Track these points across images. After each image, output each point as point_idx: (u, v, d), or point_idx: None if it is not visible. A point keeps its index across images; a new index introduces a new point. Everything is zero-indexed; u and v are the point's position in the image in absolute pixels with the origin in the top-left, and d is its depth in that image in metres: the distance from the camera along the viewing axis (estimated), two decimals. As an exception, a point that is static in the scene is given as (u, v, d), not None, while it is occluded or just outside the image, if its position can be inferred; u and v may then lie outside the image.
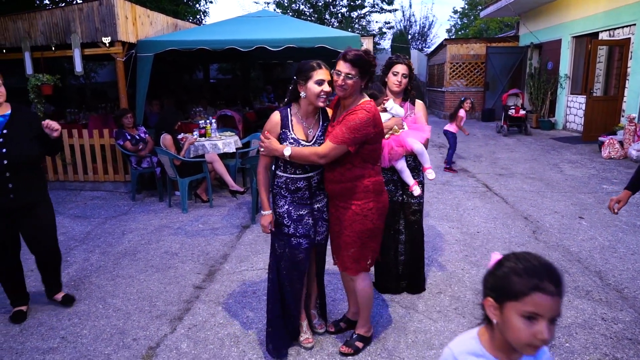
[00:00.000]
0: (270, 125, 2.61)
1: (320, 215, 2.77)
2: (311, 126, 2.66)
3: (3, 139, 2.99)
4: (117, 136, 6.22)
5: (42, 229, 3.25)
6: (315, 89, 2.50)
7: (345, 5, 21.19)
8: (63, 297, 3.48)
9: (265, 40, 6.46)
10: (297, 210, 2.67)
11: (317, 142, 2.63)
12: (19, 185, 3.04)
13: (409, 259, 3.47)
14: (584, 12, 11.11)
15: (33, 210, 3.17)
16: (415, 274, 3.52)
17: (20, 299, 3.36)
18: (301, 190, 2.66)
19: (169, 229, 5.15)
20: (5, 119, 3.05)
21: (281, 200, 2.69)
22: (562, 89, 12.22)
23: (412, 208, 3.38)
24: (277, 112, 2.63)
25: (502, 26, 25.37)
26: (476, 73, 15.82)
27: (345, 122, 2.46)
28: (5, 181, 2.99)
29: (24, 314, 3.32)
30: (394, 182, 3.32)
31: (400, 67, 3.21)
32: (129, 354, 2.86)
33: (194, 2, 15.85)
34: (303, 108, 2.63)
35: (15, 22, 6.52)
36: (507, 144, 10.34)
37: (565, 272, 3.83)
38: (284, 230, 2.69)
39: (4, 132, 3.01)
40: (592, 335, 2.94)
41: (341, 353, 2.79)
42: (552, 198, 5.99)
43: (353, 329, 2.94)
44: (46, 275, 3.42)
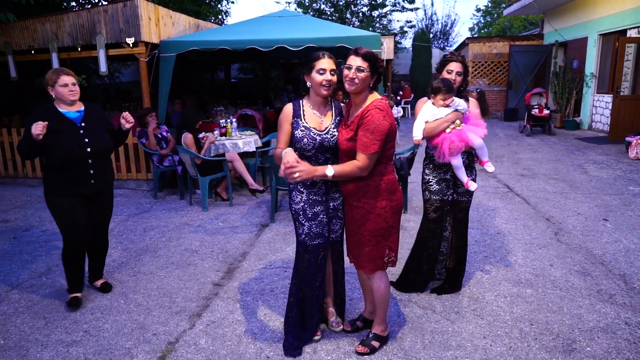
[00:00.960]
0: (283, 115, 2.68)
1: (335, 213, 2.80)
2: (323, 116, 2.70)
3: (83, 130, 3.33)
4: (139, 135, 6.35)
5: (105, 216, 3.62)
6: (317, 77, 2.56)
7: (366, 4, 21.12)
8: (102, 284, 3.73)
9: (285, 40, 6.49)
10: (312, 208, 2.71)
11: (329, 132, 2.66)
12: (98, 173, 3.39)
13: (455, 256, 3.47)
14: (612, 9, 10.82)
15: (105, 197, 3.55)
16: (457, 274, 3.52)
17: (80, 284, 3.55)
18: (317, 184, 2.70)
19: (190, 227, 5.23)
20: (81, 114, 3.38)
21: (298, 195, 2.72)
22: (587, 88, 11.93)
23: (461, 206, 3.38)
24: (290, 104, 2.73)
25: (526, 24, 24.91)
26: (499, 72, 15.58)
27: (366, 128, 2.46)
28: (88, 168, 3.34)
29: (80, 300, 3.50)
30: (446, 181, 3.32)
31: (454, 65, 3.22)
32: (149, 349, 2.92)
33: (215, 3, 16.03)
34: (312, 98, 2.69)
35: (43, 24, 6.71)
36: (530, 144, 10.15)
37: (587, 275, 3.75)
38: (299, 229, 2.74)
39: (82, 124, 3.35)
40: (614, 340, 2.87)
41: (357, 352, 2.79)
42: (575, 199, 5.86)
43: (369, 328, 2.94)
44: (93, 261, 3.71)
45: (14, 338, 3.07)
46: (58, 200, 3.32)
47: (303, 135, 2.64)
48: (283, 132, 2.69)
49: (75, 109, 3.37)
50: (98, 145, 3.36)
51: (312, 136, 2.63)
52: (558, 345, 2.83)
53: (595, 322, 3.08)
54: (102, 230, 3.63)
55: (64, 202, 3.31)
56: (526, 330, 3.01)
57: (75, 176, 3.30)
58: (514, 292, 3.51)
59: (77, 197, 3.34)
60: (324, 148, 2.66)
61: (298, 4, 21.05)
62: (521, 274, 3.82)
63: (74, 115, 3.34)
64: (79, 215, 3.35)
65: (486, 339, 2.93)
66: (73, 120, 3.32)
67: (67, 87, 3.26)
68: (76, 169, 3.29)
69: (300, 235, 2.76)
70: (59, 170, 3.28)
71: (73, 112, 3.35)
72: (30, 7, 7.70)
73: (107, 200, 3.58)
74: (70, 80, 3.27)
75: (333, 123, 2.70)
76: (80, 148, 3.28)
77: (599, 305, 3.29)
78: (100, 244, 3.67)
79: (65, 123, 3.28)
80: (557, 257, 4.14)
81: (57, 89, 3.26)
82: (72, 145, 3.25)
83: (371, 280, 2.75)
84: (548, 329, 3.01)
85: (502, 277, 3.78)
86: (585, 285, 3.58)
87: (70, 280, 3.50)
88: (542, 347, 2.82)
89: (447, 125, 3.15)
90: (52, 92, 3.28)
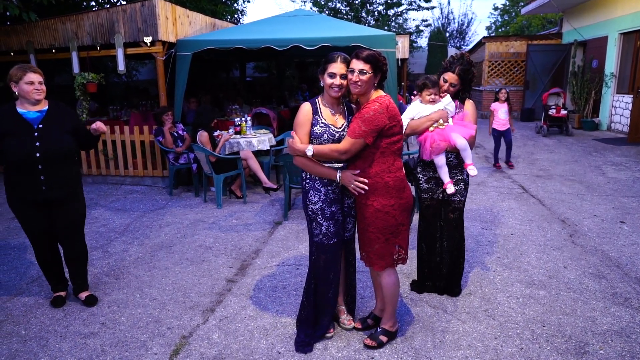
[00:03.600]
0: (302, 114, 2.71)
1: (349, 211, 2.87)
2: (338, 114, 2.76)
3: (38, 133, 3.12)
4: (156, 133, 6.45)
5: (71, 223, 3.36)
6: (327, 80, 2.63)
7: (382, 3, 21.05)
8: (87, 297, 3.50)
9: (300, 39, 6.52)
10: (329, 207, 2.75)
11: (345, 130, 2.72)
12: (51, 179, 3.17)
13: (448, 258, 3.44)
14: (633, 8, 10.60)
15: (65, 204, 3.29)
16: (453, 276, 3.47)
17: (60, 284, 3.55)
18: (334, 183, 2.73)
19: (204, 224, 5.31)
20: (42, 114, 3.19)
21: (315, 195, 2.75)
22: (607, 88, 11.72)
23: (452, 206, 3.36)
24: (307, 103, 2.76)
25: (545, 23, 24.52)
26: (516, 71, 15.39)
27: (359, 116, 2.59)
28: (38, 174, 3.12)
29: (64, 299, 3.51)
30: (435, 180, 3.32)
31: (449, 75, 3.23)
32: (163, 342, 2.99)
33: (231, 2, 16.14)
34: (326, 97, 2.74)
35: (64, 24, 6.85)
36: (547, 145, 10.03)
37: (602, 278, 3.71)
38: (316, 229, 2.77)
39: (39, 126, 3.14)
40: (629, 344, 2.84)
41: (365, 345, 2.82)
42: (592, 201, 5.78)
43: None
44: (73, 272, 3.50)
45: (34, 329, 3.17)
46: (16, 206, 3.24)
47: (323, 131, 2.68)
48: (304, 130, 2.71)
49: (37, 108, 3.18)
50: (51, 149, 3.12)
51: (331, 132, 2.69)
52: (570, 348, 2.82)
53: (609, 325, 3.05)
54: (72, 238, 3.39)
55: (20, 208, 3.23)
56: (538, 331, 3.00)
57: (25, 181, 3.14)
58: (526, 294, 3.49)
59: (32, 203, 3.19)
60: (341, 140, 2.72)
61: (314, 2, 21.09)
62: (534, 275, 3.80)
63: (33, 116, 3.15)
64: (34, 223, 3.25)
65: (497, 339, 2.92)
66: (30, 122, 3.12)
67: (32, 85, 3.08)
68: (25, 174, 3.12)
69: (317, 236, 2.78)
70: (12, 175, 3.16)
71: (33, 112, 3.16)
72: (51, 7, 7.87)
73: (72, 206, 3.33)
74: (37, 79, 3.11)
75: (346, 122, 2.76)
76: (29, 152, 3.07)
77: (613, 308, 3.26)
78: (75, 252, 3.44)
79: (19, 125, 3.10)
80: (571, 259, 4.10)
81: (21, 86, 3.07)
82: (21, 149, 3.06)
83: (380, 276, 2.78)
84: (560, 331, 3.00)
85: (515, 278, 3.76)
86: (600, 288, 3.55)
87: (48, 280, 3.53)
88: (553, 349, 2.80)
89: (430, 124, 3.19)
90: (16, 88, 3.10)
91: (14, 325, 3.22)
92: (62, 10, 8.64)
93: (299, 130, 2.72)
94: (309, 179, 2.78)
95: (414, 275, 3.73)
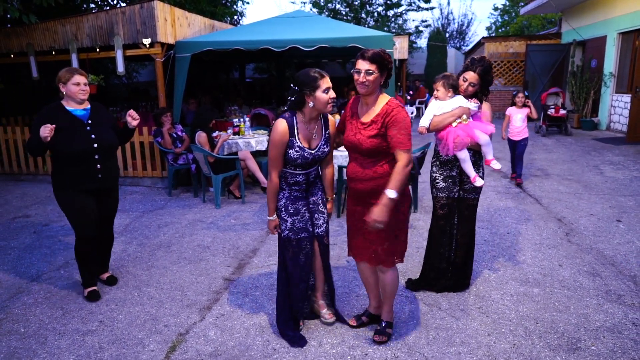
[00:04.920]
0: (279, 134, 2.65)
1: (316, 207, 2.92)
2: (314, 132, 2.76)
3: (89, 127, 3.44)
4: (155, 134, 6.49)
5: (111, 211, 3.75)
6: (324, 97, 2.63)
7: (381, 3, 21.09)
8: (108, 277, 3.86)
9: (298, 40, 6.56)
10: (293, 204, 2.82)
11: (320, 151, 2.76)
12: (105, 169, 3.50)
13: (459, 256, 3.49)
14: (632, 7, 10.62)
15: (111, 193, 3.67)
16: (463, 272, 3.54)
17: (93, 279, 3.67)
18: (299, 184, 2.82)
19: (202, 224, 5.34)
20: (87, 112, 3.50)
21: (279, 193, 2.82)
22: (606, 87, 11.75)
23: (467, 203, 3.40)
24: (283, 120, 2.67)
25: (544, 23, 24.54)
26: (515, 71, 15.42)
27: (398, 126, 2.53)
28: (95, 163, 3.44)
29: (98, 293, 3.62)
30: (452, 178, 3.35)
31: (470, 75, 3.27)
32: (160, 339, 3.02)
33: (231, 3, 16.20)
34: (307, 115, 2.71)
35: (64, 26, 6.90)
36: (545, 145, 10.05)
37: (597, 276, 3.74)
38: (282, 225, 2.84)
39: (89, 122, 3.46)
40: (620, 340, 2.87)
41: (376, 342, 2.88)
42: (589, 200, 5.81)
43: (375, 323, 3.01)
44: (99, 255, 3.80)
45: (33, 327, 3.21)
46: (68, 197, 3.43)
47: (298, 155, 2.70)
48: (279, 152, 2.69)
49: (82, 107, 3.48)
50: (104, 142, 3.47)
51: (305, 156, 2.72)
52: (562, 344, 2.85)
53: (602, 322, 3.08)
54: (107, 224, 3.76)
55: (74, 198, 3.43)
56: (531, 328, 3.02)
57: (83, 172, 3.41)
58: (520, 291, 3.52)
59: (85, 192, 3.45)
60: (314, 161, 2.80)
61: (313, 3, 21.12)
62: (529, 273, 3.83)
63: (81, 113, 3.45)
64: (89, 211, 3.47)
65: (490, 336, 2.95)
66: (80, 118, 3.43)
67: (79, 86, 3.38)
68: (84, 164, 3.40)
69: (283, 231, 2.85)
70: (67, 167, 3.39)
71: (80, 110, 3.46)
72: (51, 9, 7.92)
73: (113, 195, 3.71)
74: (82, 80, 3.40)
75: (323, 139, 2.79)
76: (88, 144, 3.38)
77: (606, 305, 3.29)
78: (106, 238, 3.80)
79: (73, 121, 3.39)
80: (566, 257, 4.12)
81: (69, 86, 3.37)
82: (80, 142, 3.35)
83: (386, 273, 2.82)
84: (553, 327, 3.03)
85: (510, 276, 3.79)
86: (594, 286, 3.58)
87: (84, 274, 3.61)
88: (546, 345, 2.83)
89: (453, 119, 3.20)
90: (64, 89, 3.39)
91: (14, 323, 3.26)
92: (61, 13, 8.70)
93: (271, 149, 2.71)
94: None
95: (410, 274, 3.77)
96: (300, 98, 2.65)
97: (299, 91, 2.64)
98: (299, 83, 2.64)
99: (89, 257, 3.59)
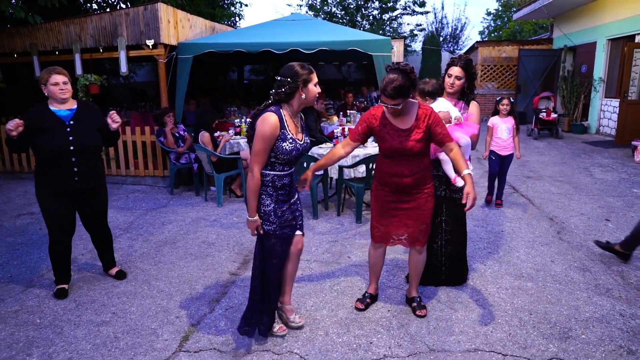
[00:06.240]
0: (270, 126, 2.60)
1: (295, 207, 2.96)
2: (298, 124, 2.81)
3: (70, 128, 3.43)
4: (158, 134, 6.61)
5: (99, 211, 3.78)
6: (315, 90, 2.72)
7: (376, 7, 21.33)
8: (117, 272, 3.97)
9: (299, 43, 6.72)
10: (280, 208, 2.81)
11: (304, 140, 2.81)
12: (83, 171, 3.49)
13: (451, 252, 3.65)
14: (621, 15, 10.93)
15: (93, 194, 3.67)
16: (458, 266, 3.70)
17: (65, 277, 3.72)
18: (286, 186, 2.82)
19: (205, 221, 5.47)
20: (72, 112, 3.50)
21: (267, 199, 2.77)
22: (596, 92, 12.04)
23: (455, 202, 3.54)
24: (273, 114, 2.64)
25: (536, 28, 24.94)
26: (508, 76, 15.70)
27: (439, 124, 2.92)
28: (71, 165, 3.43)
29: (66, 291, 3.68)
30: (438, 178, 3.49)
31: (454, 69, 3.43)
32: (173, 329, 3.16)
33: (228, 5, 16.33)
34: (295, 108, 2.74)
35: (67, 26, 7.01)
36: (538, 147, 10.29)
37: (587, 271, 3.93)
38: (269, 228, 2.80)
39: (71, 122, 3.45)
40: (608, 329, 3.06)
41: (419, 316, 3.23)
42: (579, 200, 6.02)
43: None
44: (101, 252, 3.96)
45: (48, 318, 3.32)
46: (44, 197, 3.47)
47: (292, 147, 2.69)
48: (267, 145, 2.63)
49: (67, 107, 3.48)
50: (83, 143, 3.44)
51: (298, 147, 2.73)
52: (555, 333, 3.02)
53: (592, 313, 3.27)
54: (99, 223, 3.81)
55: (50, 200, 3.46)
56: (525, 319, 3.20)
57: (59, 173, 3.42)
58: (515, 285, 3.70)
59: (62, 194, 3.47)
60: (301, 155, 2.82)
61: (309, 6, 21.31)
62: (523, 268, 4.01)
63: (64, 114, 3.45)
64: (63, 215, 3.51)
65: (487, 326, 3.13)
66: (62, 118, 3.42)
67: (57, 86, 3.38)
68: (60, 165, 3.40)
69: (269, 231, 2.81)
70: (45, 167, 3.42)
71: (64, 110, 3.46)
72: (54, 10, 8.01)
73: (99, 196, 3.71)
74: (61, 79, 3.39)
75: (303, 131, 2.85)
76: (64, 145, 3.37)
77: (595, 298, 3.47)
78: (102, 237, 3.89)
79: (53, 121, 3.39)
80: (558, 253, 4.32)
81: (48, 87, 3.38)
82: (56, 142, 3.35)
83: (421, 254, 3.25)
84: (546, 318, 3.20)
85: (505, 271, 3.97)
86: (584, 280, 3.76)
87: (55, 273, 3.68)
88: (539, 334, 3.01)
89: None
90: (45, 90, 3.42)
91: (29, 314, 3.38)
92: (64, 14, 8.79)
93: (259, 143, 2.62)
94: (262, 185, 2.76)
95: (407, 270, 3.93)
96: (292, 90, 2.65)
97: (292, 83, 2.63)
98: (291, 75, 2.63)
99: (59, 257, 3.63)
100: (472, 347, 2.89)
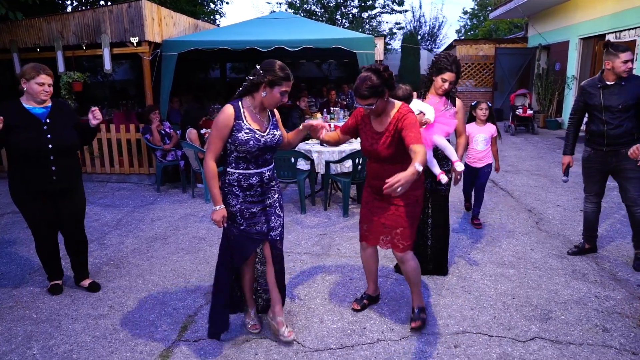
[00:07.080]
0: (225, 116, 2.60)
1: (272, 210, 2.84)
2: (264, 119, 2.74)
3: (47, 126, 3.30)
4: (144, 131, 6.61)
5: (75, 213, 3.57)
6: (277, 96, 2.64)
7: (356, 5, 21.49)
8: (90, 283, 3.71)
9: (283, 40, 6.81)
10: (249, 209, 2.73)
11: (270, 133, 2.71)
12: (60, 170, 3.36)
13: (436, 242, 3.81)
14: (591, 15, 11.34)
15: (70, 194, 3.50)
16: (441, 257, 3.85)
17: (57, 273, 3.70)
18: (254, 187, 2.71)
19: (194, 217, 5.53)
20: (47, 110, 3.36)
21: (233, 199, 2.70)
22: (569, 89, 12.46)
23: (440, 194, 3.71)
24: (229, 105, 2.65)
25: (511, 27, 25.55)
26: (485, 73, 16.08)
27: (408, 127, 2.67)
28: (49, 164, 3.31)
29: (60, 287, 3.68)
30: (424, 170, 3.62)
31: (450, 75, 3.47)
32: (171, 320, 3.23)
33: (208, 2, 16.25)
34: (257, 103, 2.69)
35: (49, 23, 6.93)
36: (515, 143, 10.62)
37: (564, 258, 4.15)
38: (234, 228, 2.75)
39: (47, 120, 3.32)
40: (585, 310, 3.26)
41: (413, 328, 3.02)
42: (555, 193, 6.29)
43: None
44: (74, 260, 3.72)
45: (45, 312, 3.35)
46: (21, 197, 3.35)
47: (249, 137, 2.61)
48: (220, 134, 2.61)
49: (42, 105, 3.34)
50: (62, 142, 3.32)
51: (257, 138, 2.64)
52: (536, 315, 3.21)
53: (569, 295, 3.47)
54: (75, 227, 3.59)
55: (27, 200, 3.35)
56: (509, 303, 3.38)
57: (36, 173, 3.29)
58: (498, 272, 3.89)
59: (38, 193, 3.35)
60: (267, 148, 2.70)
61: (289, 4, 21.33)
62: (505, 257, 4.21)
63: (39, 112, 3.31)
64: (41, 211, 3.40)
65: (473, 310, 3.30)
66: (37, 117, 3.29)
67: (42, 87, 3.25)
68: (37, 165, 3.27)
69: (234, 231, 2.76)
70: (21, 167, 3.29)
71: (39, 108, 3.32)
72: (35, 6, 7.90)
73: (76, 196, 3.54)
74: (48, 81, 3.27)
75: (271, 124, 2.77)
76: (43, 144, 3.24)
77: (573, 282, 3.69)
78: (76, 241, 3.65)
79: (28, 119, 3.25)
80: (537, 242, 4.53)
81: (32, 84, 3.23)
82: (34, 142, 3.22)
83: (405, 264, 2.98)
84: (528, 301, 3.39)
85: (488, 259, 4.16)
86: (562, 266, 3.98)
87: (46, 270, 3.67)
88: (522, 316, 3.19)
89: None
90: (25, 85, 3.24)
91: (25, 310, 3.40)
92: (45, 10, 8.66)
93: (212, 130, 2.64)
94: (227, 184, 2.72)
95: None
96: (257, 82, 2.61)
97: (261, 76, 2.60)
98: (265, 69, 2.61)
99: (49, 255, 3.60)
100: (460, 330, 3.05)
